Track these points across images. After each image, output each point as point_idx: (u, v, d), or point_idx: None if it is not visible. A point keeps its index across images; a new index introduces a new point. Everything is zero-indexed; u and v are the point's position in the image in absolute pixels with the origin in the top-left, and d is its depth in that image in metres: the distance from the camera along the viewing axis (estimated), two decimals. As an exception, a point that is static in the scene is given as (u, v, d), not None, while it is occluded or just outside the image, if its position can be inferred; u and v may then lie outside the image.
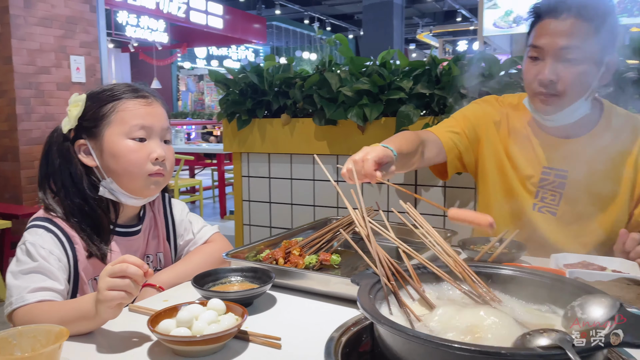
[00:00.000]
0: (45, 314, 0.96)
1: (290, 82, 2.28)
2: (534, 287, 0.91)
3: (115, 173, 1.17)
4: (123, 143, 1.15)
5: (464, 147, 1.56)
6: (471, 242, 1.38)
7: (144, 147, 1.16)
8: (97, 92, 1.20)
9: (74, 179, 1.16)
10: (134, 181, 1.17)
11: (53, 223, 1.12)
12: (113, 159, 1.15)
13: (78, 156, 1.18)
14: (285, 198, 2.43)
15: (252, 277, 1.11)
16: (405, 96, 1.99)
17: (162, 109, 1.23)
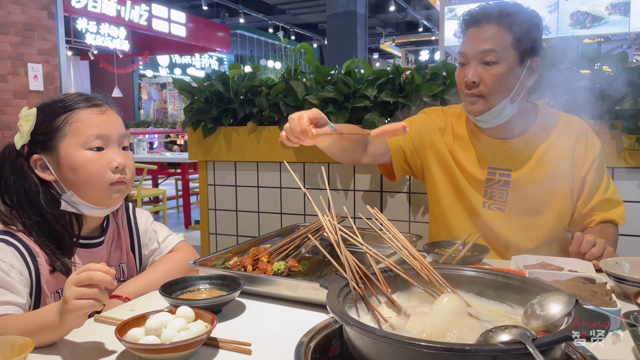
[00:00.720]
0: (6, 327, 0.94)
1: (256, 90, 2.29)
2: (497, 288, 0.95)
3: (75, 185, 1.14)
4: (80, 154, 1.12)
5: (408, 150, 1.67)
6: (436, 246, 1.42)
7: (102, 157, 1.14)
8: (48, 104, 1.17)
9: (29, 196, 1.13)
10: (96, 192, 1.14)
11: (14, 236, 1.09)
12: (71, 172, 1.13)
13: (35, 171, 1.14)
14: (252, 206, 2.42)
15: (221, 285, 1.11)
16: (370, 104, 2.02)
17: (117, 115, 1.21)
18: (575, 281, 1.14)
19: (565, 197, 1.52)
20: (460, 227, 1.58)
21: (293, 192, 2.32)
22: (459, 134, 1.62)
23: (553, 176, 1.51)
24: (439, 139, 1.64)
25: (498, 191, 1.55)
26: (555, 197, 1.52)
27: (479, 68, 1.44)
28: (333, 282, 0.93)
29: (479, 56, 1.43)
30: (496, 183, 1.55)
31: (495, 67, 1.42)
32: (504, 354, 0.65)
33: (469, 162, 1.58)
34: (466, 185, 1.58)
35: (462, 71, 1.48)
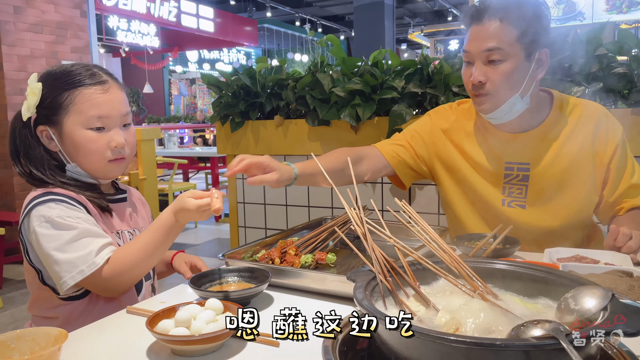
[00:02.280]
0: (127, 252, 1.10)
1: (282, 83, 2.29)
2: (529, 281, 0.93)
3: (76, 159, 1.20)
4: (81, 133, 1.17)
5: (411, 159, 1.63)
6: (465, 238, 1.39)
7: (102, 137, 1.18)
8: (54, 76, 1.19)
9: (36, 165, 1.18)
10: (95, 167, 1.21)
11: (55, 194, 1.14)
12: (73, 147, 1.18)
13: (41, 141, 1.19)
14: (280, 199, 2.43)
15: (249, 277, 1.11)
16: (398, 95, 2.00)
17: (120, 92, 1.22)
18: (611, 274, 1.10)
19: (588, 186, 1.46)
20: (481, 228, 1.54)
21: (321, 185, 2.31)
22: (470, 131, 1.57)
23: (574, 166, 1.45)
24: (444, 142, 1.59)
25: (517, 187, 1.49)
26: (578, 188, 1.46)
27: (485, 67, 1.38)
28: (360, 275, 0.93)
29: (484, 55, 1.37)
30: (514, 178, 1.49)
31: (501, 65, 1.36)
32: (536, 349, 0.63)
33: (483, 159, 1.53)
34: (482, 184, 1.53)
35: (467, 70, 1.43)
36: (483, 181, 1.53)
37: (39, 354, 0.75)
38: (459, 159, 1.57)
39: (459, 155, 1.57)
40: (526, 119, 1.46)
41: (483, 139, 1.54)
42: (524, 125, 1.47)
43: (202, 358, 0.83)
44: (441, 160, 1.60)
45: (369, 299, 0.81)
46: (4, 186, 4.85)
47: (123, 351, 0.87)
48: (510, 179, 1.50)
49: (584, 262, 1.24)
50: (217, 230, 6.07)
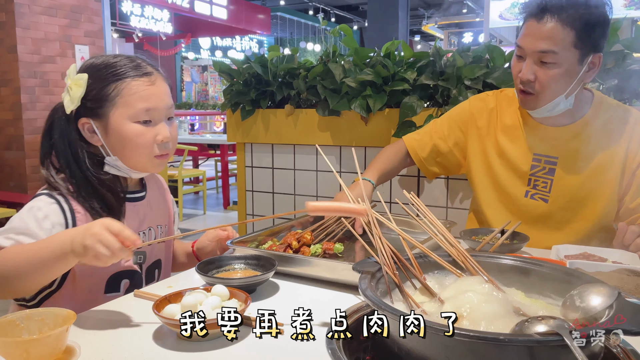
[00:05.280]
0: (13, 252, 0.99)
1: (294, 72, 2.28)
2: (535, 277, 0.93)
3: (120, 153, 1.17)
4: (129, 127, 1.14)
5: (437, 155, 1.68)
6: (473, 232, 1.39)
7: (149, 131, 1.16)
8: (98, 67, 1.17)
9: (76, 159, 1.15)
10: (139, 161, 1.18)
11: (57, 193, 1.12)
12: (119, 141, 1.15)
13: (82, 134, 1.17)
14: (288, 189, 2.44)
15: (255, 265, 1.12)
16: (409, 87, 1.99)
17: (165, 85, 1.20)
18: (618, 273, 1.09)
19: (613, 189, 1.45)
20: (498, 220, 1.54)
21: (329, 175, 2.31)
22: (505, 119, 1.56)
23: (602, 167, 1.44)
24: (480, 128, 1.60)
25: (542, 180, 1.49)
26: (603, 190, 1.45)
27: (536, 66, 1.36)
28: (366, 266, 0.93)
29: (536, 55, 1.34)
30: (541, 170, 1.49)
31: (553, 69, 1.34)
32: (540, 345, 0.63)
33: (514, 149, 1.53)
34: (507, 173, 1.53)
35: (518, 64, 1.41)
36: (510, 169, 1.53)
37: (47, 333, 0.76)
38: (490, 149, 1.57)
39: (491, 142, 1.57)
40: (564, 115, 1.45)
41: (519, 128, 1.53)
42: (560, 120, 1.47)
43: (207, 343, 0.84)
44: (475, 144, 1.61)
45: (374, 290, 0.82)
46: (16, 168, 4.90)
47: (130, 334, 0.88)
48: (537, 170, 1.50)
49: (591, 259, 1.24)
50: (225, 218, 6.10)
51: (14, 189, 4.94)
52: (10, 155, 4.91)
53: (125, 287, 1.21)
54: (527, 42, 1.36)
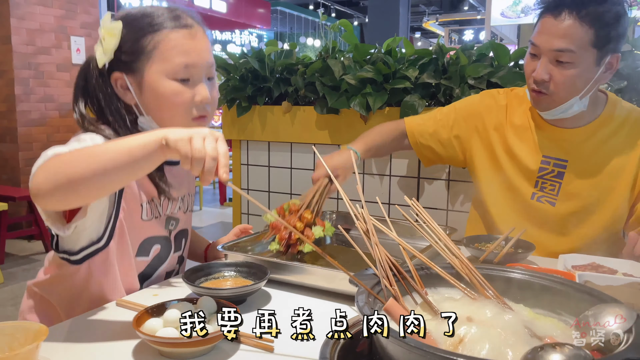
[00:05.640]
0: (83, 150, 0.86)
1: (292, 68, 2.21)
2: (544, 293, 0.87)
3: (154, 113, 1.07)
4: (166, 84, 1.03)
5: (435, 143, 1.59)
6: (476, 240, 1.33)
7: (187, 90, 1.05)
8: (134, 17, 1.05)
9: (115, 112, 1.05)
10: (176, 124, 1.05)
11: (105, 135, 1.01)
12: (154, 100, 1.05)
13: (115, 90, 1.07)
14: (284, 188, 2.38)
15: (247, 273, 1.06)
16: (411, 86, 1.92)
17: (206, 40, 1.09)
18: (631, 287, 1.03)
19: (624, 196, 1.39)
20: (502, 220, 1.48)
21: (327, 174, 2.25)
22: (515, 119, 1.50)
23: (614, 172, 1.38)
24: (487, 124, 1.53)
25: (550, 182, 1.42)
26: (613, 195, 1.39)
27: (551, 65, 1.29)
28: (364, 279, 0.87)
29: (552, 54, 1.27)
30: (549, 173, 1.42)
31: (570, 69, 1.27)
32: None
33: (522, 149, 1.46)
34: (515, 174, 1.47)
35: (532, 62, 1.33)
36: (517, 170, 1.47)
37: (16, 351, 0.70)
38: (497, 144, 1.50)
39: (499, 140, 1.50)
40: (576, 116, 1.38)
41: (528, 129, 1.47)
42: (572, 122, 1.40)
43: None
44: (480, 140, 1.53)
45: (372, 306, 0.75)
46: (9, 161, 4.83)
47: (107, 350, 0.82)
48: (545, 173, 1.43)
49: (600, 271, 1.18)
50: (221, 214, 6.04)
51: (7, 182, 4.87)
52: (4, 147, 4.83)
53: (155, 253, 1.13)
54: (543, 39, 1.28)
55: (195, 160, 0.77)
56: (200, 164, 0.77)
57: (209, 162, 0.77)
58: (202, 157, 0.77)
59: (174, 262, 1.21)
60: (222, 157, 0.79)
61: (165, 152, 0.80)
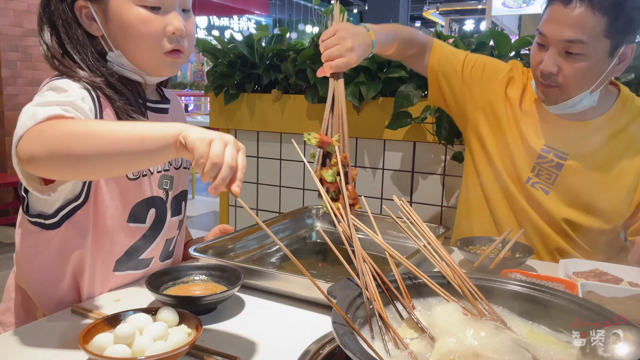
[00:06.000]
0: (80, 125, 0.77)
1: (282, 55, 2.11)
2: (545, 308, 0.78)
3: (123, 46, 0.96)
4: (132, 11, 0.93)
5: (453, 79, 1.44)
6: (470, 242, 1.24)
7: (157, 18, 0.94)
8: None
9: (82, 47, 0.95)
10: (146, 58, 0.97)
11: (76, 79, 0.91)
12: (120, 30, 0.95)
13: (79, 21, 0.96)
14: (274, 179, 2.28)
15: (219, 277, 0.97)
16: (406, 75, 1.83)
17: None
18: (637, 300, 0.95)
19: (623, 197, 1.30)
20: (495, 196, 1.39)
21: (318, 166, 2.15)
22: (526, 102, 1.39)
23: (615, 171, 1.29)
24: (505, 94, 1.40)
25: (547, 171, 1.33)
26: (611, 195, 1.30)
27: (560, 57, 1.19)
28: (345, 289, 0.78)
29: (562, 45, 1.18)
30: (548, 162, 1.33)
31: (580, 61, 1.17)
32: None
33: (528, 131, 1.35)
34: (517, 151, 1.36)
35: (539, 53, 1.24)
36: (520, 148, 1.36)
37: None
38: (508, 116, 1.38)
39: (511, 113, 1.38)
40: (584, 110, 1.29)
41: (531, 115, 1.36)
42: (578, 115, 1.30)
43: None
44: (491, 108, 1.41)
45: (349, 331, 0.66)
46: (-4, 145, 4.71)
47: (53, 366, 0.73)
48: (544, 161, 1.33)
49: (604, 278, 1.09)
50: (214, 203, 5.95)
51: (-6, 167, 4.75)
52: (-10, 132, 4.71)
53: (152, 219, 1.02)
54: (551, 29, 1.18)
55: (211, 164, 0.68)
56: (215, 170, 0.68)
57: (225, 170, 0.68)
58: (219, 163, 0.68)
59: (173, 227, 1.10)
60: (240, 170, 0.71)
61: (180, 151, 0.72)
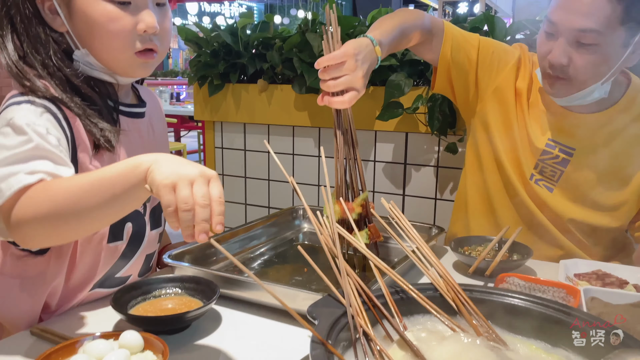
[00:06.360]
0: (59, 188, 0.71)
1: (268, 43, 2.02)
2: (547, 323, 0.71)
3: (90, 44, 0.88)
4: (98, 7, 0.84)
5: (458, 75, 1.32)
6: (464, 242, 1.17)
7: (127, 15, 0.85)
8: None
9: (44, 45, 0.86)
10: (115, 59, 0.89)
11: (40, 97, 0.82)
12: (86, 27, 0.86)
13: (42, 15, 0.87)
14: (262, 173, 2.20)
15: (194, 290, 0.89)
16: (397, 63, 1.74)
17: None
18: None
19: (634, 194, 1.23)
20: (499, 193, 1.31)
21: (307, 159, 2.08)
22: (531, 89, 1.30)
23: (625, 168, 1.21)
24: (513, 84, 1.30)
25: (551, 168, 1.25)
26: (620, 192, 1.23)
27: (571, 48, 1.10)
28: (328, 307, 0.71)
29: (574, 34, 1.08)
30: (552, 158, 1.25)
31: (593, 52, 1.09)
32: None
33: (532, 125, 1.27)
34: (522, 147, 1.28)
35: (547, 43, 1.14)
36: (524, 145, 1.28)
37: None
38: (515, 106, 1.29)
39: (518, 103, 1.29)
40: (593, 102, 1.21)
41: (536, 103, 1.28)
42: (586, 107, 1.22)
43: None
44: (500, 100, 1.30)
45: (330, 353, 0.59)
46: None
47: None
48: (548, 157, 1.25)
49: (607, 281, 1.02)
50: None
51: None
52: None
53: (129, 234, 0.95)
54: (562, 16, 1.09)
55: (183, 213, 0.61)
56: (188, 216, 0.61)
57: (199, 213, 0.62)
58: (190, 209, 0.62)
59: (153, 241, 1.02)
60: (215, 204, 0.63)
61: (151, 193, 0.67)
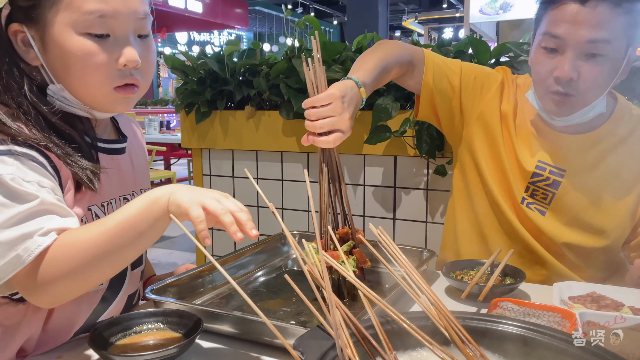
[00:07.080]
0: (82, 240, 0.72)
1: (255, 69, 2.01)
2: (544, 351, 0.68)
3: (65, 80, 0.83)
4: (74, 41, 0.79)
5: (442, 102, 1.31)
6: (456, 266, 1.14)
7: (105, 50, 0.80)
8: None
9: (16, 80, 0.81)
10: (93, 95, 0.84)
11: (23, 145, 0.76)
12: (61, 61, 0.81)
13: (15, 47, 0.82)
14: (251, 200, 2.17)
15: (177, 325, 0.86)
16: (383, 87, 1.74)
17: None
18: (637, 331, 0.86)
19: (625, 214, 1.21)
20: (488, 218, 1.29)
21: (296, 185, 2.06)
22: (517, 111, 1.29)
23: (618, 187, 1.20)
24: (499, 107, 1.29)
25: (542, 191, 1.23)
26: (614, 214, 1.21)
27: (580, 61, 1.08)
28: (316, 339, 0.68)
29: (584, 47, 1.07)
30: (543, 180, 1.23)
31: (602, 63, 1.07)
32: None
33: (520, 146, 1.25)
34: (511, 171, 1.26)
35: (550, 60, 1.12)
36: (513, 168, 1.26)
37: None
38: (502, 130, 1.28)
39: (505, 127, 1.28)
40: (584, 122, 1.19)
41: (524, 125, 1.26)
42: (575, 127, 1.20)
43: None
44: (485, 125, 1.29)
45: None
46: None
47: None
48: (538, 180, 1.23)
49: (602, 303, 1.00)
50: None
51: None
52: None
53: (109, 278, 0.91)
54: (568, 30, 1.07)
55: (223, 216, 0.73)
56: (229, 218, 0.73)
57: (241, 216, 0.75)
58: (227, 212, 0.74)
59: (135, 281, 0.98)
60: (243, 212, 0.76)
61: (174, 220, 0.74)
